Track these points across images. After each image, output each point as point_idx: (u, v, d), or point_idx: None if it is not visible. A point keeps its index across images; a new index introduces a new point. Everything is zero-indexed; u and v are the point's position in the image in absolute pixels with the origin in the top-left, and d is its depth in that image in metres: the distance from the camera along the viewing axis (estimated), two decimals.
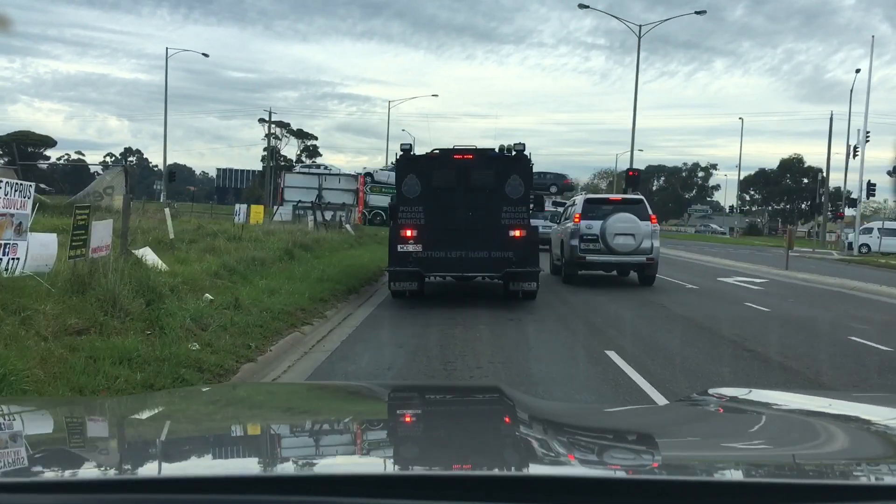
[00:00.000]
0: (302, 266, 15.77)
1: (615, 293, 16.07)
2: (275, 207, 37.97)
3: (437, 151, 13.61)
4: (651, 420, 2.47)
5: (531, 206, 13.79)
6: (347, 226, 32.61)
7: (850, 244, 55.29)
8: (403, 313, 12.59)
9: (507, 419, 2.18)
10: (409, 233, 13.38)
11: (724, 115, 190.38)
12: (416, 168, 13.36)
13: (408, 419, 2.27)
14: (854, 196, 65.60)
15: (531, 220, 13.82)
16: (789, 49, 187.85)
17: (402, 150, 13.46)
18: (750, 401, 2.54)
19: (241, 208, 38.47)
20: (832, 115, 65.59)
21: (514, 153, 13.36)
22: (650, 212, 17.83)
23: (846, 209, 64.42)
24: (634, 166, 44.06)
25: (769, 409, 2.37)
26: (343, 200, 36.73)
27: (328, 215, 32.38)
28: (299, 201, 32.69)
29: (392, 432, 2.06)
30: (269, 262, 14.93)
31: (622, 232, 17.05)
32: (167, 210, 12.76)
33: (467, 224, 13.30)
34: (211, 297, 10.35)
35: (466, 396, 2.78)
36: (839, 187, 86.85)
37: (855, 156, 59.05)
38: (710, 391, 2.68)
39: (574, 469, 1.59)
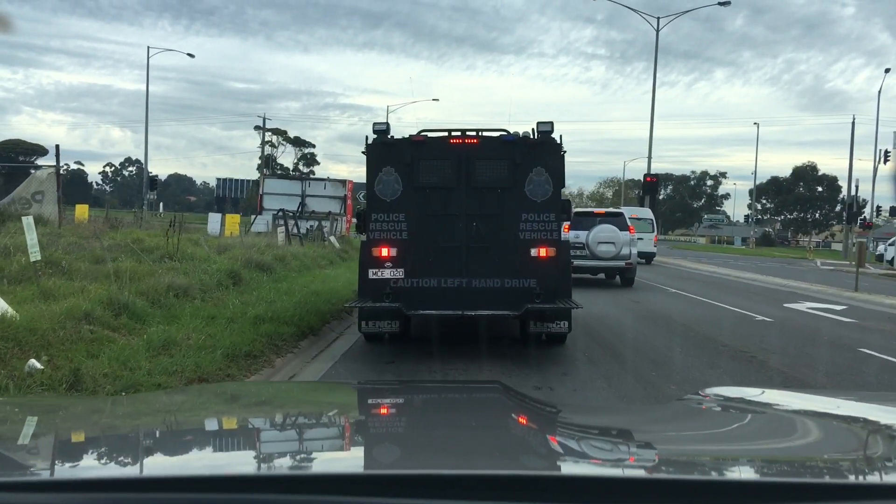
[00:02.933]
0: (245, 295, 11.61)
1: (676, 332, 11.86)
2: (252, 217, 33.88)
3: (426, 134, 9.46)
4: (651, 418, 2.45)
5: (562, 212, 9.63)
6: (332, 238, 28.44)
7: (882, 256, 51.19)
8: (374, 375, 8.42)
9: (507, 416, 2.14)
10: (385, 252, 9.22)
11: (725, 124, 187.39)
12: (394, 158, 9.22)
13: (409, 416, 2.22)
14: (879, 204, 61.77)
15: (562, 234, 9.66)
16: (789, 59, 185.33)
17: (374, 131, 9.31)
18: (748, 400, 2.48)
19: (215, 218, 34.47)
20: (854, 119, 61.55)
21: (537, 136, 9.21)
22: (628, 224, 20.83)
23: (875, 218, 60.41)
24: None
25: (765, 408, 2.35)
26: (329, 209, 32.55)
27: (308, 226, 28.26)
28: (279, 210, 28.49)
29: (393, 430, 2.02)
30: (194, 292, 10.77)
31: (604, 241, 19.78)
32: (26, 220, 8.63)
33: (470, 239, 9.16)
34: (40, 364, 6.20)
35: (467, 393, 2.70)
36: (854, 196, 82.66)
37: (886, 160, 55.02)
38: (708, 390, 2.66)
39: (574, 467, 1.60)
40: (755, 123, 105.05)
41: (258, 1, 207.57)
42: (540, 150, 9.16)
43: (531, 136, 9.16)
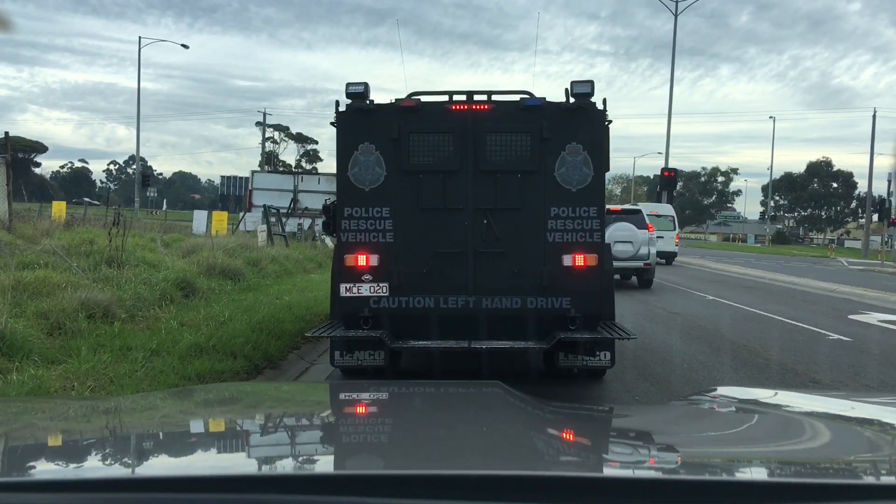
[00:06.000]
0: (192, 313, 9.12)
1: (741, 359, 9.30)
2: (240, 214, 31.45)
3: (418, 99, 6.94)
4: (659, 419, 2.38)
5: (604, 206, 7.10)
6: (326, 237, 25.96)
7: None
8: None
9: (508, 416, 2.10)
10: (362, 260, 6.74)
11: (731, 121, 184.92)
12: (375, 132, 6.72)
13: (410, 416, 2.19)
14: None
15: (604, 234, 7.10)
16: (795, 55, 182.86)
17: (348, 94, 6.78)
18: (761, 401, 2.42)
19: (200, 216, 32.06)
20: (875, 112, 58.69)
21: (572, 100, 6.69)
22: (647, 221, 19.28)
23: None
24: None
25: (779, 409, 2.31)
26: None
27: (298, 223, 25.77)
28: (265, 206, 25.96)
29: (394, 429, 1.98)
30: (117, 311, 8.27)
31: (621, 240, 17.99)
32: None
33: (479, 242, 6.68)
34: None
35: (468, 392, 2.58)
36: (864, 193, 79.84)
37: None
38: (719, 390, 2.64)
39: (576, 467, 1.57)
40: (771, 117, 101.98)
41: None
42: (576, 120, 6.64)
43: (569, 99, 6.64)
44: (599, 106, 6.69)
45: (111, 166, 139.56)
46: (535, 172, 6.61)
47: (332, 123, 6.84)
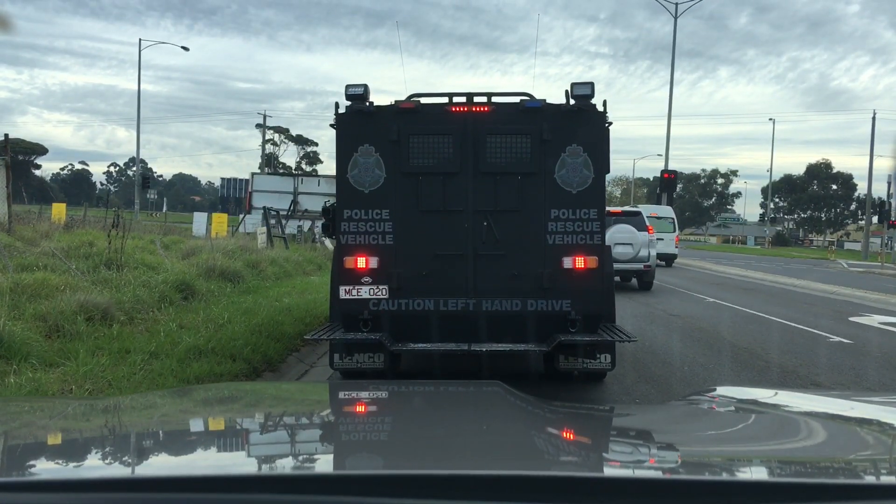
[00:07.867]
0: (191, 315, 9.10)
1: (742, 362, 9.28)
2: (240, 216, 31.42)
3: (417, 101, 6.92)
4: (653, 418, 2.37)
5: (605, 208, 7.07)
6: (326, 239, 25.94)
7: None
8: None
9: (508, 415, 2.09)
10: (362, 262, 6.72)
11: (731, 123, 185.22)
12: (375, 133, 6.70)
13: (410, 416, 2.19)
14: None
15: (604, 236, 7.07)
16: (794, 57, 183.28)
17: (347, 96, 6.76)
18: (760, 402, 2.42)
19: (200, 218, 32.04)
20: (874, 114, 58.67)
21: (573, 102, 6.68)
22: (647, 223, 19.24)
23: None
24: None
25: (779, 409, 2.31)
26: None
27: (298, 226, 25.74)
28: (264, 207, 25.93)
29: (394, 429, 1.99)
30: (116, 314, 8.25)
31: (621, 242, 17.88)
32: None
33: (479, 244, 6.66)
34: None
35: (468, 392, 2.59)
36: (864, 195, 79.79)
37: None
38: (718, 390, 2.65)
39: (576, 467, 1.57)
40: (770, 119, 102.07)
41: (260, 0, 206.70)
42: (576, 122, 6.62)
43: (569, 100, 6.63)
44: (599, 108, 6.68)
45: (111, 168, 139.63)
46: (535, 174, 6.59)
47: (331, 125, 6.82)
